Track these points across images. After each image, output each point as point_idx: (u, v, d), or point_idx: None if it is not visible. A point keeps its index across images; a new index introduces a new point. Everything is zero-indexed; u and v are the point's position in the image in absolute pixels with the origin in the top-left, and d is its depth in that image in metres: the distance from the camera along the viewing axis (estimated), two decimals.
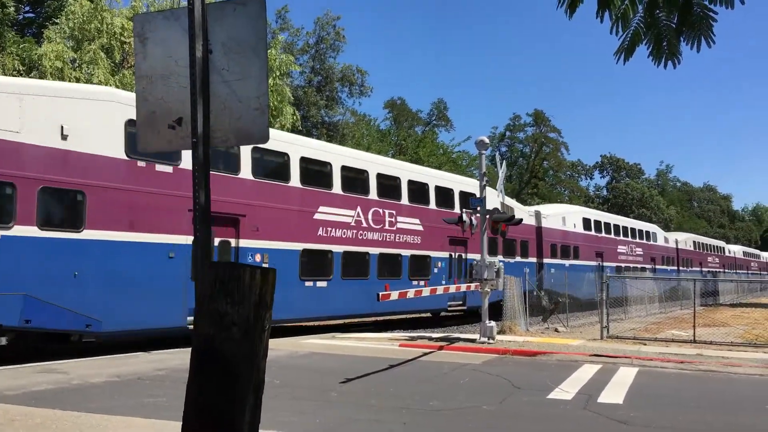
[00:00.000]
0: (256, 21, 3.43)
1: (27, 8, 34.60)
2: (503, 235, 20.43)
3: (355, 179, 21.34)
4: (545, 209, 35.37)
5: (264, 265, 13.91)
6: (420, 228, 23.67)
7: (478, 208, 18.72)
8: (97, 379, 11.29)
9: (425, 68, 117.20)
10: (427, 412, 9.29)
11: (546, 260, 32.33)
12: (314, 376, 12.28)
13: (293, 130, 33.71)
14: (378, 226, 21.92)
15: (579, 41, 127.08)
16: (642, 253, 43.92)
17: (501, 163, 20.59)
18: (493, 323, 18.00)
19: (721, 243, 68.36)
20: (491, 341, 17.47)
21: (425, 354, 15.88)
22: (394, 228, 22.59)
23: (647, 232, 46.84)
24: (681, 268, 51.55)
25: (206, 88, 3.41)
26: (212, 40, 3.44)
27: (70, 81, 24.91)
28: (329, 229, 20.07)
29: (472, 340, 17.96)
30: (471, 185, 26.31)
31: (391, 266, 22.34)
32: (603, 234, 39.18)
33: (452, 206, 24.99)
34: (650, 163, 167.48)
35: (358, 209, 21.17)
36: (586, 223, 37.57)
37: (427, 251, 24.02)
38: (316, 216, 19.64)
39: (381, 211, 22.04)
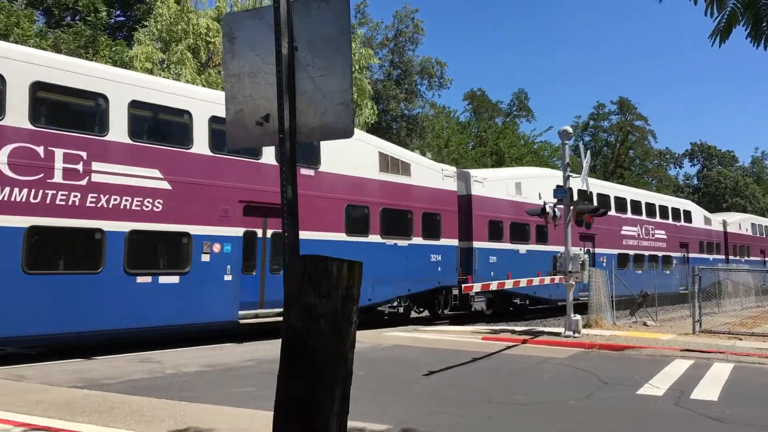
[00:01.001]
0: (339, 17, 3.48)
1: (118, 12, 36.10)
2: (588, 227, 19.94)
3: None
4: (481, 172, 25.37)
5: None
6: None
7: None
8: (189, 369, 11.72)
9: (505, 58, 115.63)
10: (511, 406, 9.19)
11: (477, 244, 23.22)
12: (397, 368, 12.35)
13: (372, 124, 33.94)
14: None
15: (666, 24, 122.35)
16: (666, 236, 34.10)
17: (585, 153, 20.10)
18: (578, 316, 17.63)
19: None
20: (577, 335, 17.12)
21: (508, 347, 15.71)
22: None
23: (677, 210, 36.08)
24: (731, 257, 41.01)
25: (292, 85, 3.48)
26: (297, 37, 3.50)
27: None
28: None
29: (557, 334, 17.65)
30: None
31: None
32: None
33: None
34: (744, 150, 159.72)
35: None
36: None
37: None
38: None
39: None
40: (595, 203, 27.63)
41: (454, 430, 7.48)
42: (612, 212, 28.83)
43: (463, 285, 20.34)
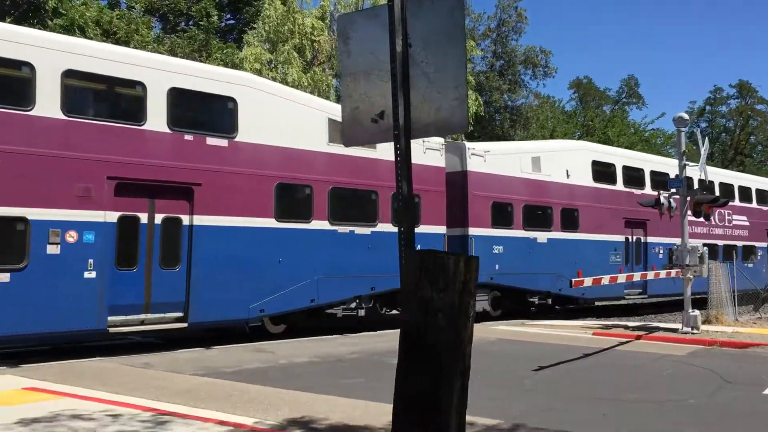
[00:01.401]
0: (453, 12, 3.49)
1: (228, 16, 37.52)
2: (707, 218, 18.97)
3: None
4: (483, 145, 20.80)
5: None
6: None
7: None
8: (301, 359, 12.07)
9: (613, 43, 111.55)
10: (627, 404, 8.91)
11: (474, 230, 19.29)
12: (506, 363, 12.23)
13: (476, 116, 33.65)
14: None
15: None
16: (748, 223, 29.04)
17: (702, 140, 19.14)
18: (697, 312, 16.83)
19: None
20: (695, 331, 16.35)
21: (621, 343, 15.21)
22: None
23: (762, 192, 30.38)
24: None
25: (406, 82, 3.52)
26: (411, 33, 3.53)
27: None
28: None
29: (674, 330, 16.93)
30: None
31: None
32: (641, 189, 23.92)
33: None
34: None
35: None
36: (598, 170, 22.97)
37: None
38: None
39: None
40: (645, 184, 24.55)
41: (568, 427, 7.33)
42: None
43: (573, 280, 19.08)
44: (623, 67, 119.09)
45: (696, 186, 20.03)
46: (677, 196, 17.81)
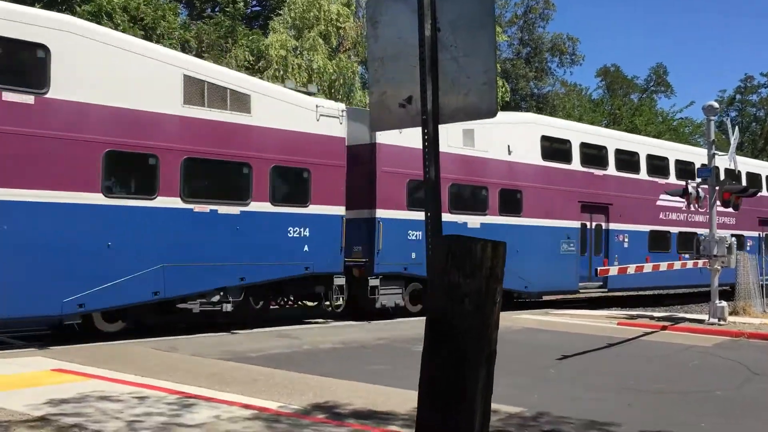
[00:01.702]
0: None
1: (254, 2, 37.58)
2: (736, 208, 18.67)
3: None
4: None
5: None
6: None
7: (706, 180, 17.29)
8: (325, 346, 12.14)
9: (642, 30, 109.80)
10: (652, 394, 8.84)
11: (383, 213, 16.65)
12: (530, 352, 12.19)
13: (503, 102, 33.41)
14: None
15: None
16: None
17: (732, 130, 18.82)
18: (724, 303, 16.62)
19: None
20: (722, 323, 16.15)
21: (646, 334, 15.09)
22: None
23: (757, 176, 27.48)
24: None
25: (435, 66, 3.50)
26: (440, 18, 3.51)
27: (292, 67, 26.78)
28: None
29: (700, 321, 16.74)
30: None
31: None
32: (603, 170, 21.55)
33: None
34: None
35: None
36: (549, 147, 20.29)
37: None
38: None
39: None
40: (610, 164, 21.92)
41: (592, 416, 7.30)
42: (629, 173, 22.27)
43: (598, 269, 18.88)
44: (652, 55, 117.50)
45: (722, 176, 19.61)
46: (705, 186, 17.55)
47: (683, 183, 17.95)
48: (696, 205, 18.53)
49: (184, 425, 6.34)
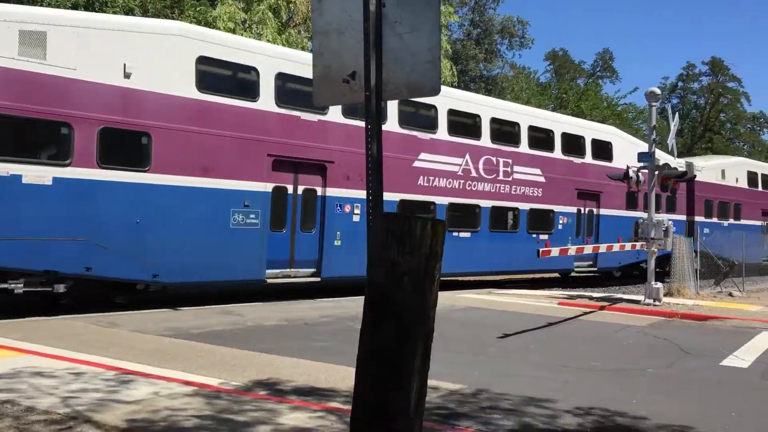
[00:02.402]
0: None
1: None
2: (673, 193, 19.24)
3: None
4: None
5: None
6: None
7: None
8: (269, 323, 12.08)
9: (590, 16, 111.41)
10: (588, 372, 9.10)
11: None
12: (472, 330, 12.38)
13: (450, 84, 33.51)
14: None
15: None
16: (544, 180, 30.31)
17: (673, 116, 19.33)
18: (659, 284, 17.18)
19: None
20: (657, 303, 16.70)
21: (585, 313, 15.49)
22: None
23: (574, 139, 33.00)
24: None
25: (379, 42, 3.47)
26: None
27: None
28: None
29: (637, 302, 17.27)
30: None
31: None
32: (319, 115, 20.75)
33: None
34: None
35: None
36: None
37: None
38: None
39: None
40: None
41: (530, 393, 7.47)
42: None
43: (541, 250, 18.94)
44: (599, 41, 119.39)
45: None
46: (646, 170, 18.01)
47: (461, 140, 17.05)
48: (637, 188, 19.03)
49: (121, 401, 6.23)
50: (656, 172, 17.70)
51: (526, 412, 6.76)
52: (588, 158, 22.55)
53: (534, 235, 20.38)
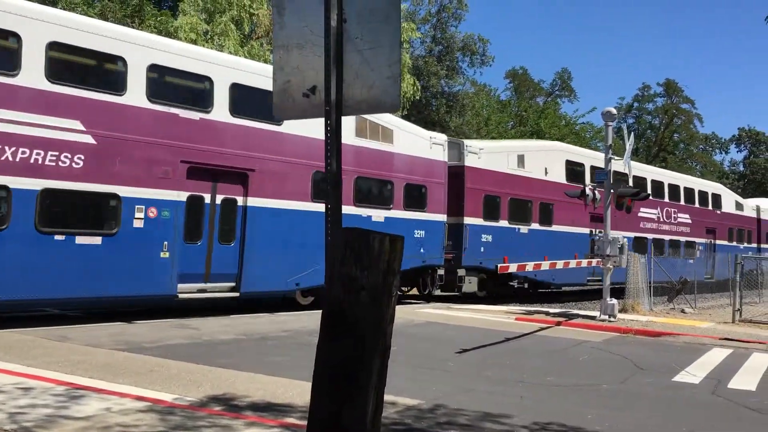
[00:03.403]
0: None
1: None
2: (628, 210, 19.62)
3: None
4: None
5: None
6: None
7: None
8: (226, 337, 11.93)
9: (549, 37, 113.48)
10: (544, 387, 9.18)
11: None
12: (430, 345, 12.40)
13: (413, 100, 33.72)
14: None
15: (716, 5, 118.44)
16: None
17: (629, 136, 19.75)
18: (614, 301, 17.47)
19: None
20: (612, 319, 16.97)
21: (542, 329, 15.65)
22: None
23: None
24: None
25: (340, 57, 3.47)
26: (347, 8, 3.49)
27: None
28: None
29: (592, 317, 17.52)
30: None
31: None
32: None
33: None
34: None
35: None
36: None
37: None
38: None
39: None
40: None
41: (486, 408, 7.50)
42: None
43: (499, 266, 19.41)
44: (558, 60, 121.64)
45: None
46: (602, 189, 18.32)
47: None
48: (593, 206, 19.36)
49: (71, 417, 6.07)
50: (612, 191, 18.04)
51: (482, 428, 6.79)
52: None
53: None
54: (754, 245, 36.91)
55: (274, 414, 6.75)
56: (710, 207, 33.52)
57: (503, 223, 22.01)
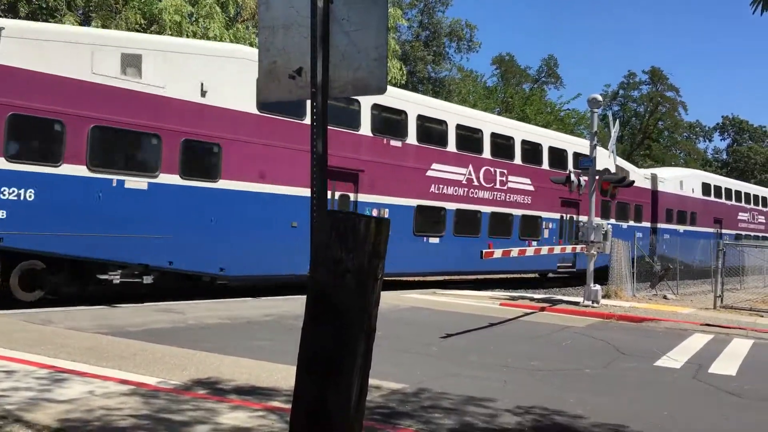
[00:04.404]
0: None
1: None
2: (613, 197, 19.74)
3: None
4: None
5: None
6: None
7: (588, 169, 18.16)
8: (210, 321, 11.90)
9: (536, 23, 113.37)
10: (527, 372, 9.24)
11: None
12: (415, 330, 12.44)
13: (399, 84, 33.62)
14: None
15: None
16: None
17: (614, 123, 19.83)
18: (597, 287, 17.59)
19: None
20: (595, 305, 17.11)
21: (526, 314, 15.75)
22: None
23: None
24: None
25: (326, 38, 3.44)
26: None
27: (186, 34, 25.79)
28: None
29: (576, 303, 17.65)
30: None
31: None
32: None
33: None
34: None
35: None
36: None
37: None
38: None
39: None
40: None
41: (470, 392, 7.55)
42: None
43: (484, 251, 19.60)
44: (545, 47, 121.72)
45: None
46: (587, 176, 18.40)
47: None
48: (578, 193, 19.43)
49: (53, 401, 6.04)
50: (596, 177, 18.11)
51: (466, 412, 6.82)
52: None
53: None
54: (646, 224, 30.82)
55: (258, 398, 6.75)
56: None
57: None
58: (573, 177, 18.74)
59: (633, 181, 22.39)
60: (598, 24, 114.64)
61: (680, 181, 33.15)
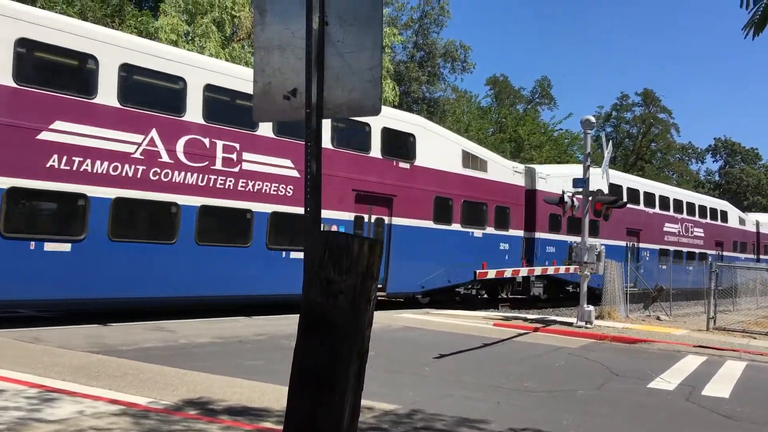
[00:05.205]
0: None
1: None
2: (606, 218, 19.78)
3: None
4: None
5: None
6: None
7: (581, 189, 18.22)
8: (202, 340, 11.84)
9: (530, 44, 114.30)
10: (520, 393, 9.21)
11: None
12: (408, 350, 12.40)
13: (393, 105, 33.78)
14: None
15: (695, 16, 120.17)
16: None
17: (607, 143, 19.92)
18: (591, 307, 17.59)
19: None
20: (589, 326, 17.09)
21: (520, 335, 15.72)
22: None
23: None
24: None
25: (321, 60, 3.46)
26: (328, 11, 3.48)
27: None
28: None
29: (569, 324, 17.62)
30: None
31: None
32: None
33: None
34: None
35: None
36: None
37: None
38: None
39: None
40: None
41: (464, 414, 7.51)
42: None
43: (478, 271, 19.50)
44: (538, 68, 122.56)
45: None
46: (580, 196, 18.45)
47: None
48: (572, 213, 19.47)
49: (43, 420, 5.98)
50: (590, 198, 18.18)
51: None
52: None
53: None
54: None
55: (250, 418, 6.71)
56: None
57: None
58: (566, 197, 18.79)
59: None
60: (592, 46, 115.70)
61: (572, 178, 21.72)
